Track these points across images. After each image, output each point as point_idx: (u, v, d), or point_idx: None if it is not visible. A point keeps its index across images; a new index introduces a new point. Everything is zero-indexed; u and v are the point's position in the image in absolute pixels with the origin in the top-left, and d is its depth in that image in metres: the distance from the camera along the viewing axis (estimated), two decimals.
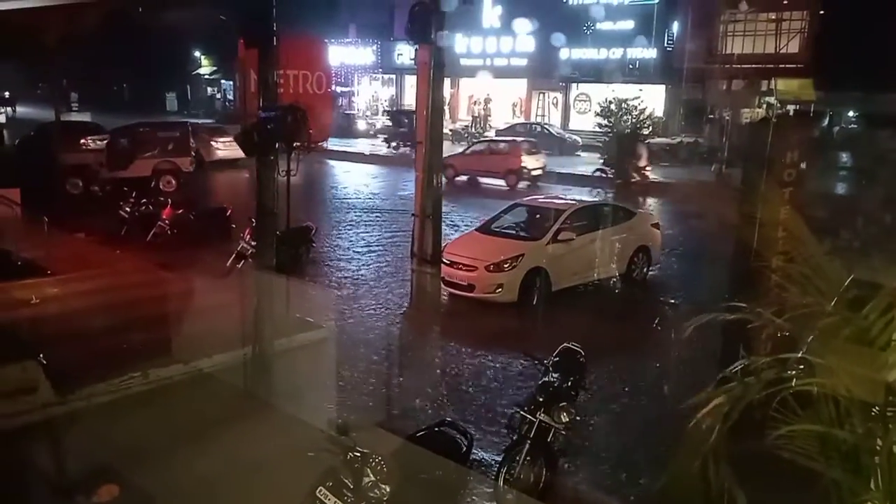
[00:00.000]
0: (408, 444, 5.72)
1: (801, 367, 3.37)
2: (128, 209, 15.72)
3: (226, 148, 26.60)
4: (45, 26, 18.46)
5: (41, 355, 7.52)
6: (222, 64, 53.82)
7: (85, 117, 37.02)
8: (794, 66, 34.38)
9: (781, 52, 35.37)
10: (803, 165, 7.21)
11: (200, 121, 36.91)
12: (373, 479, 4.87)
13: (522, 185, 24.52)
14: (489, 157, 25.59)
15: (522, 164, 24.65)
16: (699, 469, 3.20)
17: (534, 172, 24.89)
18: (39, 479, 6.32)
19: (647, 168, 24.23)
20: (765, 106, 34.60)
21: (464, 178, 25.35)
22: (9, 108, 46.18)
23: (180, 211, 15.30)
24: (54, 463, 6.67)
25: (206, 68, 58.58)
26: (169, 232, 14.83)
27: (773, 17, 35.57)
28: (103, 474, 5.24)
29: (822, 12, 33.75)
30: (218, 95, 58.51)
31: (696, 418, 3.33)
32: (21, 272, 11.45)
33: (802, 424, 3.15)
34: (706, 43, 36.66)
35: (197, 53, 58.28)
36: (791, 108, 34.05)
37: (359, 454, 4.93)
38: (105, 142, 22.36)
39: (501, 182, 24.67)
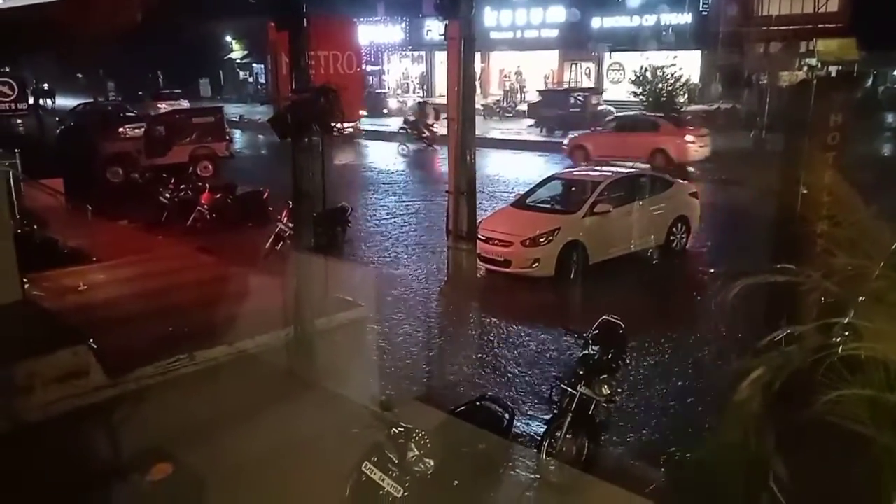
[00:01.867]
0: (450, 419, 5.77)
1: (847, 332, 3.30)
2: (167, 195, 16.02)
3: None
4: (80, 18, 18.74)
5: (91, 340, 7.75)
6: (254, 48, 54.13)
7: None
8: (834, 25, 33.29)
9: (820, 11, 34.25)
10: (847, 127, 7.01)
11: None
12: (417, 453, 4.94)
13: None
14: None
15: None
16: (740, 440, 3.17)
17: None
18: (94, 459, 6.53)
19: (435, 126, 27.39)
20: (805, 68, 33.61)
21: None
22: (49, 100, 47.17)
23: (218, 195, 15.53)
24: (108, 443, 6.89)
25: (237, 52, 58.98)
26: (208, 216, 15.07)
27: None
28: (156, 454, 5.38)
29: None
30: (250, 79, 58.95)
31: (737, 390, 3.29)
32: (68, 260, 11.80)
33: (852, 389, 3.10)
34: (742, 5, 35.69)
35: (228, 38, 58.66)
36: (833, 69, 33.00)
37: (402, 429, 4.99)
38: (143, 129, 22.72)
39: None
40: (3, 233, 8.89)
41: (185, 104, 40.51)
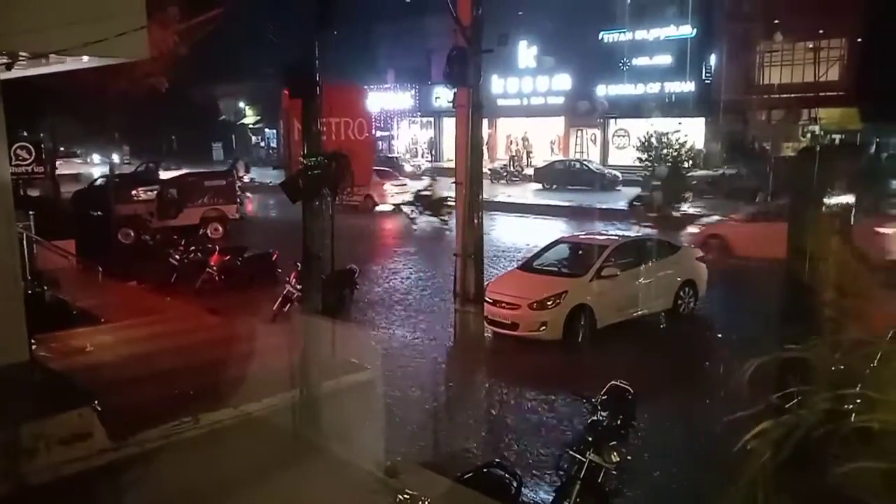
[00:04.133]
0: (457, 486, 5.68)
1: (859, 401, 3.28)
2: (177, 257, 16.14)
3: None
4: (96, 84, 19.30)
5: (96, 402, 7.71)
6: (266, 113, 55.40)
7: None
8: (835, 93, 33.95)
9: (821, 80, 35.00)
10: (851, 195, 7.07)
11: None
12: None
13: None
14: None
15: None
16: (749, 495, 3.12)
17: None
18: None
19: None
20: (809, 136, 34.12)
21: None
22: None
23: (227, 257, 15.64)
24: None
25: (250, 118, 60.33)
26: (217, 278, 15.14)
27: (811, 45, 35.30)
28: None
29: (859, 40, 33.36)
30: (262, 144, 60.12)
31: (742, 442, 3.25)
32: (76, 320, 11.83)
33: (866, 461, 3.06)
34: (744, 74, 36.53)
35: (242, 104, 60.11)
36: (836, 137, 33.47)
37: (408, 496, 4.92)
38: (155, 192, 23.07)
39: None
40: (14, 294, 8.94)
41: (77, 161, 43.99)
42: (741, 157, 34.43)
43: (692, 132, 33.09)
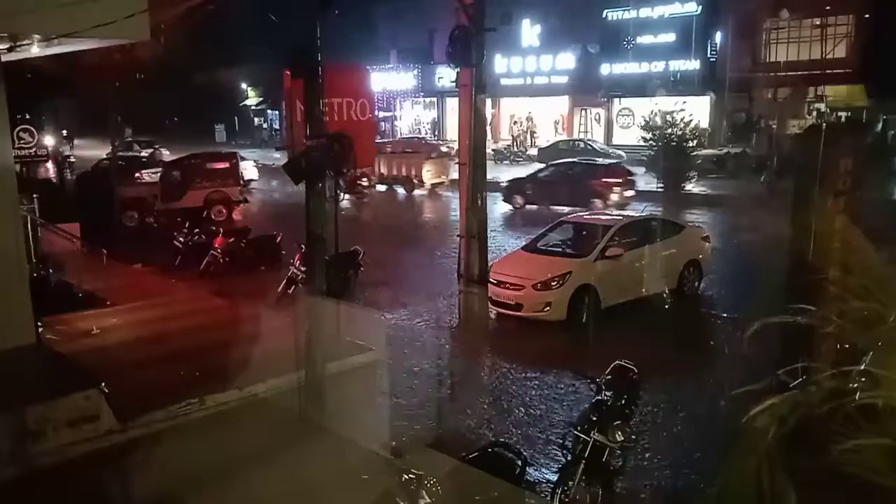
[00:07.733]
0: (462, 466, 5.71)
1: (864, 379, 3.27)
2: (181, 239, 16.17)
3: None
4: (99, 66, 19.23)
5: (103, 384, 7.75)
6: (269, 94, 55.15)
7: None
8: (841, 71, 33.62)
9: (828, 57, 34.63)
10: (858, 172, 7.02)
11: None
12: (428, 500, 4.89)
13: None
14: None
15: None
16: (753, 471, 3.12)
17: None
18: None
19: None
20: (815, 113, 33.86)
21: None
22: (68, 147, 47.92)
23: (231, 239, 15.65)
24: (118, 489, 6.84)
25: (252, 99, 60.08)
26: (221, 260, 15.16)
27: (818, 22, 34.90)
28: (165, 500, 5.35)
29: (866, 16, 32.95)
30: (265, 125, 59.94)
31: (748, 416, 3.25)
32: (82, 303, 11.88)
33: (869, 439, 3.05)
34: (749, 52, 36.17)
35: (244, 85, 59.85)
36: (843, 114, 33.20)
37: (413, 476, 4.95)
38: (158, 174, 23.04)
39: None
40: (20, 277, 8.98)
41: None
42: (747, 135, 34.20)
43: (697, 111, 32.87)
